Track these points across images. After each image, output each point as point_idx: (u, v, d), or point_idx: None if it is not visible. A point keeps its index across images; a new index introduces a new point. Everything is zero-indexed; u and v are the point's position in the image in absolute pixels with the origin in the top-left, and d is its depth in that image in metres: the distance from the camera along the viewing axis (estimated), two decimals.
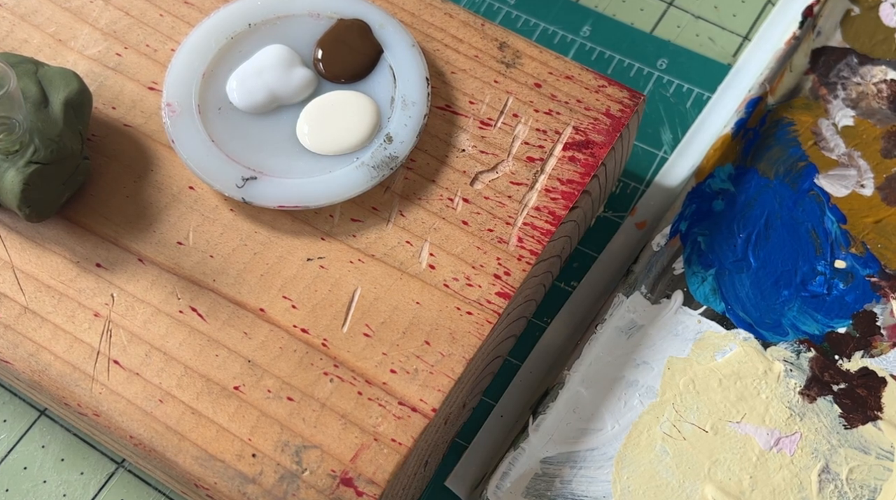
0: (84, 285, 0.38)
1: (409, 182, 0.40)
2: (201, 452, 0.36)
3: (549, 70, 0.42)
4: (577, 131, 0.41)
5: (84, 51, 0.42)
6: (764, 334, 0.42)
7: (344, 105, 0.40)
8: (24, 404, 0.43)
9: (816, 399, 0.41)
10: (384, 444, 0.35)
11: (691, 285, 0.43)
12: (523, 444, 0.40)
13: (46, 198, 0.38)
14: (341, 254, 0.39)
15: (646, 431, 0.40)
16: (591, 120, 0.41)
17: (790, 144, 0.46)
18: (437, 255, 0.39)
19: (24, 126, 0.37)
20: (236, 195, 0.39)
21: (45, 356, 0.37)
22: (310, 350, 0.37)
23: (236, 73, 0.41)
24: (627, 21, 0.52)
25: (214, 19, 0.42)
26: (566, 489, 0.39)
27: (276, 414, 0.36)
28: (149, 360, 0.37)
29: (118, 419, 0.36)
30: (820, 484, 0.39)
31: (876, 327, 0.42)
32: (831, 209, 0.45)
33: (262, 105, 0.40)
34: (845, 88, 0.48)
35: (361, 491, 0.35)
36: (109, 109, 0.41)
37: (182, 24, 0.43)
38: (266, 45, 0.41)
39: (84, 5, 0.43)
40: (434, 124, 0.41)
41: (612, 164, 0.42)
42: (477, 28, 0.43)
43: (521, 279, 0.38)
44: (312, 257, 0.39)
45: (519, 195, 0.40)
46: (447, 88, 0.42)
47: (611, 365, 0.41)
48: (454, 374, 0.37)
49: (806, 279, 0.43)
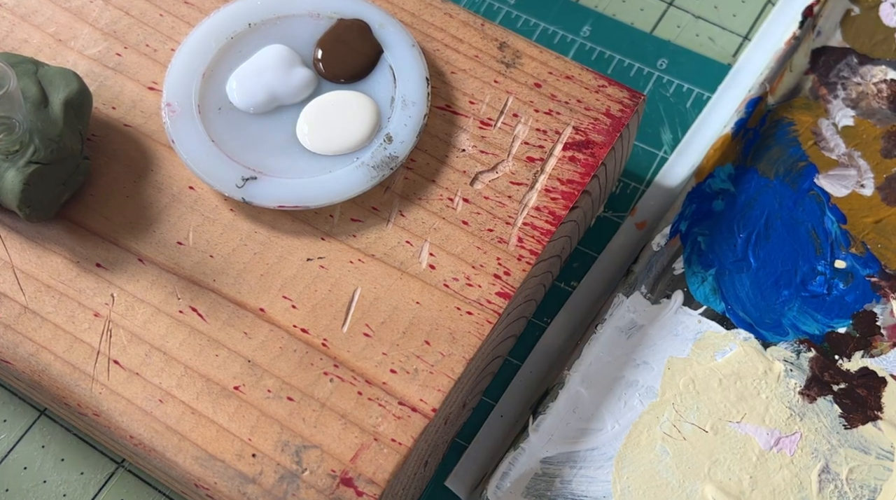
0: (84, 285, 0.38)
1: (409, 182, 0.40)
2: (201, 452, 0.36)
3: (549, 70, 0.42)
4: (577, 131, 0.41)
5: (84, 51, 0.42)
6: (764, 334, 0.42)
7: (344, 105, 0.40)
8: (24, 404, 0.43)
9: (816, 399, 0.41)
10: (384, 444, 0.35)
11: (691, 285, 0.43)
12: (523, 444, 0.40)
13: (46, 198, 0.38)
14: (341, 254, 0.39)
15: (646, 431, 0.40)
16: (591, 120, 0.41)
17: (790, 144, 0.46)
18: (437, 255, 0.39)
19: (24, 126, 0.37)
20: (236, 195, 0.39)
21: (45, 356, 0.37)
22: (310, 350, 0.37)
23: (236, 73, 0.41)
24: (627, 21, 0.52)
25: (214, 19, 0.42)
26: (566, 489, 0.39)
27: (276, 414, 0.36)
28: (149, 360, 0.37)
29: (118, 418, 0.36)
30: (820, 484, 0.39)
31: (876, 327, 0.42)
32: (831, 209, 0.45)
33: (262, 105, 0.40)
34: (845, 87, 0.48)
35: (361, 491, 0.35)
36: (109, 109, 0.41)
37: (182, 24, 0.43)
38: (266, 45, 0.41)
39: (84, 5, 0.43)
40: (434, 124, 0.41)
41: (612, 164, 0.42)
42: (477, 28, 0.43)
43: (521, 279, 0.38)
44: (312, 257, 0.39)
45: (519, 195, 0.40)
46: (447, 87, 0.42)
47: (611, 365, 0.41)
48: (454, 374, 0.37)
49: (806, 279, 0.43)
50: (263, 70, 0.40)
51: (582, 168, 0.40)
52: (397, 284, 0.38)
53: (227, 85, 0.41)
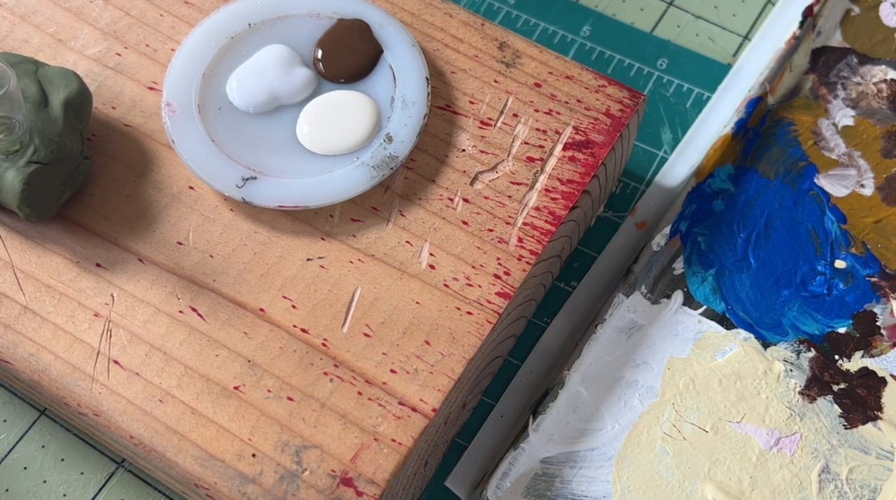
0: (84, 285, 0.38)
1: (409, 182, 0.40)
2: (201, 452, 0.36)
3: (549, 70, 0.42)
4: (577, 131, 0.41)
5: (84, 51, 0.42)
6: (764, 334, 0.42)
7: (344, 105, 0.40)
8: (24, 404, 0.43)
9: (816, 399, 0.41)
10: (384, 444, 0.35)
11: (691, 285, 0.43)
12: (523, 444, 0.40)
13: (46, 198, 0.38)
14: (341, 254, 0.39)
15: (646, 431, 0.40)
16: (591, 120, 0.41)
17: (790, 144, 0.46)
18: (437, 255, 0.39)
19: (24, 126, 0.37)
20: (236, 195, 0.39)
21: (45, 356, 0.37)
22: (310, 350, 0.37)
23: (236, 73, 0.41)
24: (627, 21, 0.52)
25: (214, 19, 0.42)
26: (566, 489, 0.39)
27: (276, 414, 0.36)
28: (149, 360, 0.37)
29: (118, 418, 0.36)
30: (820, 484, 0.39)
31: (876, 327, 0.42)
32: (831, 209, 0.45)
33: (262, 105, 0.40)
34: (845, 87, 0.48)
35: (361, 491, 0.35)
36: (109, 109, 0.41)
37: (182, 24, 0.43)
38: (266, 45, 0.41)
39: (84, 5, 0.43)
40: (434, 124, 0.41)
41: (612, 164, 0.42)
42: (477, 28, 0.43)
43: (521, 279, 0.38)
44: (312, 257, 0.39)
45: (519, 195, 0.40)
46: (447, 87, 0.42)
47: (611, 365, 0.41)
48: (454, 374, 0.37)
49: (806, 279, 0.43)
50: (263, 70, 0.40)
51: (582, 168, 0.40)
52: (397, 284, 0.38)
53: (227, 85, 0.41)
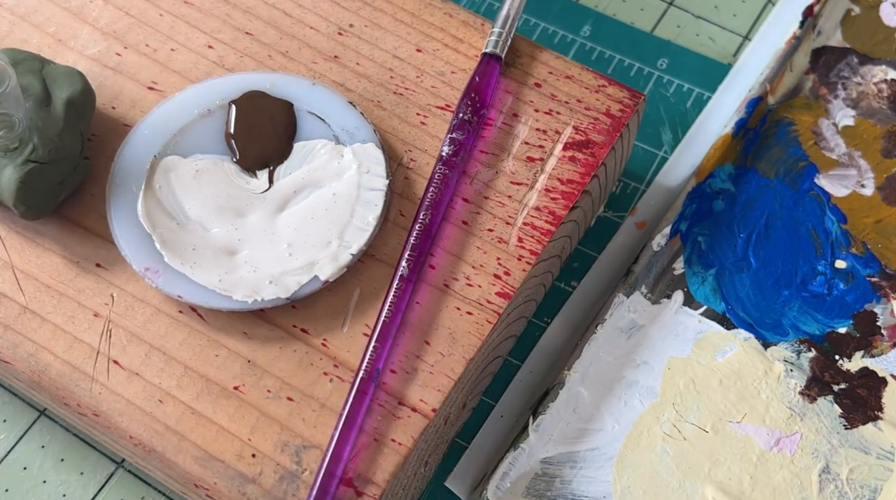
0: (84, 285, 0.38)
1: (409, 182, 0.40)
2: (201, 452, 0.35)
3: (549, 70, 0.42)
4: (577, 131, 0.41)
5: (84, 50, 0.42)
6: (764, 334, 0.42)
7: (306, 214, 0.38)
8: (24, 404, 0.43)
9: (817, 399, 0.41)
10: (384, 444, 0.35)
11: (691, 285, 0.43)
12: (523, 444, 0.40)
13: (42, 197, 0.38)
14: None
15: (646, 431, 0.40)
16: (591, 120, 0.41)
17: (790, 144, 0.46)
18: (437, 255, 0.39)
19: (24, 124, 0.37)
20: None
21: (45, 356, 0.37)
22: (310, 350, 0.37)
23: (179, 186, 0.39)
24: (628, 21, 0.52)
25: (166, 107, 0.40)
26: (566, 489, 0.39)
27: (276, 414, 0.36)
28: (149, 360, 0.37)
29: (118, 419, 0.36)
30: (820, 484, 0.39)
31: (876, 327, 0.42)
32: (832, 209, 0.45)
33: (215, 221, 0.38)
34: (846, 87, 0.48)
35: (361, 491, 0.35)
36: (109, 109, 0.41)
37: (182, 24, 0.43)
38: (196, 155, 0.39)
39: (84, 5, 0.43)
40: (434, 124, 0.41)
41: (612, 164, 0.42)
42: (477, 28, 0.43)
43: (521, 279, 0.38)
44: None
45: (519, 195, 0.40)
46: (447, 87, 0.42)
47: (611, 365, 0.41)
48: (454, 374, 0.37)
49: (806, 279, 0.43)
50: (203, 186, 0.39)
51: (582, 168, 0.40)
52: None
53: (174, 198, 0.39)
